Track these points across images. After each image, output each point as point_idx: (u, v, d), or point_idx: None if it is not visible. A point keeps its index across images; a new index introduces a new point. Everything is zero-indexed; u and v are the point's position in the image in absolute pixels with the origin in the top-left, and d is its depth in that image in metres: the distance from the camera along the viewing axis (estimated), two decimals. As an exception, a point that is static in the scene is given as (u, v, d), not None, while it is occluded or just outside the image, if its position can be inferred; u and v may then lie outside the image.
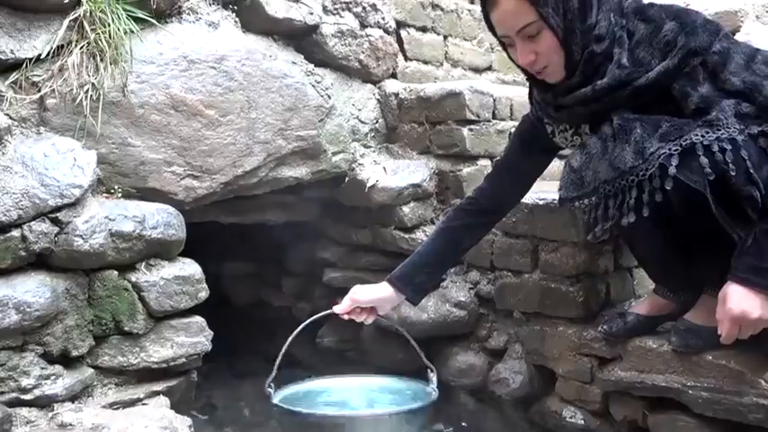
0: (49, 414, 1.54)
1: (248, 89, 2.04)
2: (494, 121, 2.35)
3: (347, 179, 2.38)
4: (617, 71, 1.37)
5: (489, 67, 3.14)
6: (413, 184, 2.28)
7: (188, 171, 1.94)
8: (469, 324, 2.19)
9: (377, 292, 1.70)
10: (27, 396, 1.54)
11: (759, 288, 1.29)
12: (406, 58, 2.67)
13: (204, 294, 1.85)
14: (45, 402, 1.56)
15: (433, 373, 1.69)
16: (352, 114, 2.40)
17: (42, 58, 1.70)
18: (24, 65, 1.68)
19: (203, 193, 1.99)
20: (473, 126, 2.30)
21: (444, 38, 2.88)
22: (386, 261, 2.32)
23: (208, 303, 1.86)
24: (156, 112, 1.86)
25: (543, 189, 1.89)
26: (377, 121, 2.49)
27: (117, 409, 1.65)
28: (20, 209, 1.54)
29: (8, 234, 1.53)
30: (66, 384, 1.59)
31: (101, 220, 1.65)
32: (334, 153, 2.33)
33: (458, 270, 2.24)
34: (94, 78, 1.74)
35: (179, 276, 1.79)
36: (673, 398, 1.58)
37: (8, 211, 1.53)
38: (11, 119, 1.66)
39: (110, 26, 1.74)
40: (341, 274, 2.54)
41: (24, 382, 1.54)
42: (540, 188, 1.85)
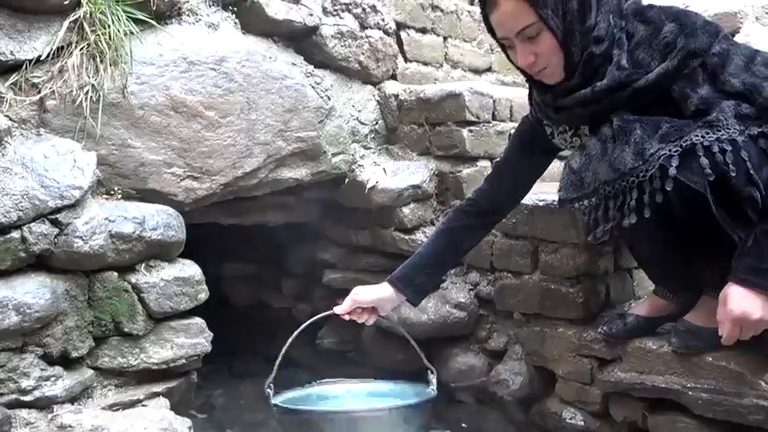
0: (49, 415, 1.54)
1: (248, 90, 2.04)
2: (494, 122, 2.35)
3: (347, 180, 2.38)
4: (616, 72, 1.37)
5: (489, 69, 3.13)
6: (413, 186, 2.28)
7: (188, 172, 1.94)
8: (469, 325, 2.19)
9: (377, 292, 1.71)
10: (27, 397, 1.54)
11: (760, 289, 1.29)
12: (405, 60, 2.67)
13: (204, 296, 1.85)
14: (45, 404, 1.56)
15: (433, 375, 1.69)
16: (351, 116, 2.40)
17: (42, 59, 1.70)
18: (24, 66, 1.68)
19: (203, 194, 1.99)
20: (473, 127, 2.30)
21: (444, 39, 2.88)
22: (386, 262, 2.32)
23: (207, 304, 1.86)
24: (156, 113, 1.86)
25: (543, 190, 1.89)
26: (377, 123, 2.49)
27: (117, 410, 1.65)
28: (20, 210, 1.54)
29: (8, 235, 1.53)
30: (66, 386, 1.59)
31: (101, 222, 1.65)
32: (334, 154, 2.32)
33: (458, 271, 2.23)
34: (94, 80, 1.74)
35: (179, 278, 1.79)
36: (673, 399, 1.58)
37: (8, 212, 1.53)
38: (11, 120, 1.66)
39: (110, 27, 1.74)
40: (341, 275, 2.54)
41: (24, 383, 1.54)
42: (540, 189, 1.85)
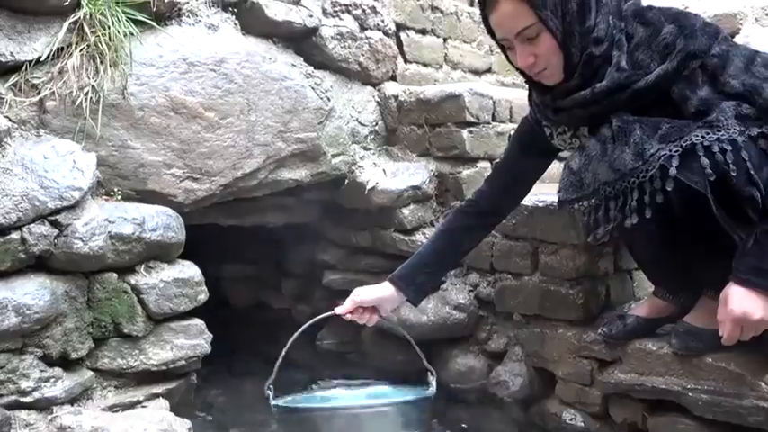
0: (49, 417, 1.54)
1: (248, 91, 2.04)
2: (493, 123, 2.35)
3: (347, 181, 2.38)
4: (616, 74, 1.37)
5: (489, 70, 3.13)
6: (412, 187, 2.28)
7: (187, 173, 1.94)
8: (469, 326, 2.19)
9: (378, 291, 1.71)
10: (26, 399, 1.54)
11: (761, 289, 1.29)
12: (405, 61, 2.67)
13: (203, 297, 1.85)
14: (44, 405, 1.56)
15: (432, 377, 1.69)
16: (351, 117, 2.40)
17: (42, 60, 1.70)
18: (24, 67, 1.68)
19: (203, 195, 1.99)
20: (473, 128, 2.30)
21: (444, 40, 2.88)
22: (385, 263, 2.31)
23: (207, 305, 1.86)
24: (156, 114, 1.86)
25: (543, 191, 1.89)
26: (376, 124, 2.49)
27: (116, 411, 1.65)
28: (19, 211, 1.54)
29: (8, 236, 1.53)
30: (66, 387, 1.59)
31: (100, 223, 1.65)
32: (334, 155, 2.32)
33: (457, 272, 2.23)
34: (94, 81, 1.74)
35: (178, 279, 1.79)
36: (672, 400, 1.58)
37: (8, 213, 1.52)
38: (10, 121, 1.66)
39: (109, 29, 1.74)
40: (340, 276, 2.54)
41: (23, 384, 1.53)
42: (540, 190, 1.85)
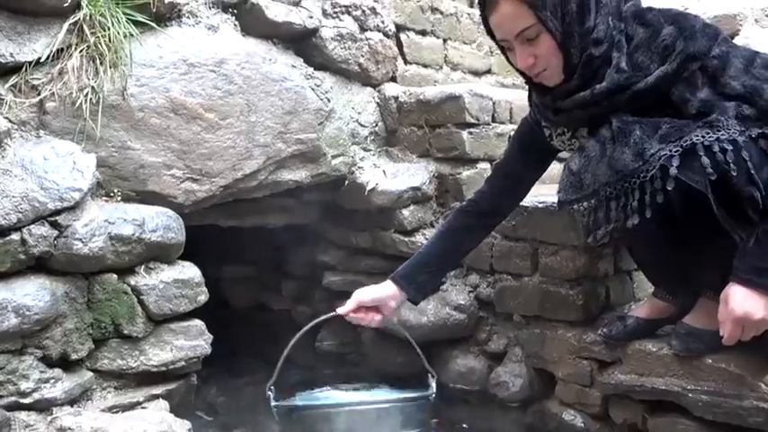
0: (48, 418, 1.54)
1: (248, 92, 2.04)
2: (493, 124, 2.35)
3: (347, 182, 2.38)
4: (615, 75, 1.37)
5: (489, 71, 3.14)
6: (412, 188, 2.28)
7: (187, 174, 1.94)
8: (469, 327, 2.19)
9: (380, 290, 1.71)
10: (26, 400, 1.54)
11: (762, 289, 1.29)
12: (405, 62, 2.68)
13: (203, 298, 1.85)
14: (44, 406, 1.56)
15: (433, 378, 1.69)
16: (351, 118, 2.40)
17: (42, 61, 1.70)
18: (24, 68, 1.68)
19: (203, 196, 1.99)
20: (472, 129, 2.30)
21: (444, 41, 2.88)
22: (385, 264, 2.32)
23: (207, 306, 1.86)
24: (156, 115, 1.86)
25: (543, 192, 1.89)
26: (376, 125, 2.49)
27: (116, 412, 1.65)
28: (19, 212, 1.54)
29: (7, 237, 1.53)
30: (66, 388, 1.59)
31: (100, 224, 1.65)
32: (334, 156, 2.33)
33: (457, 273, 2.24)
34: (94, 82, 1.74)
35: (178, 280, 1.79)
36: (672, 401, 1.58)
37: (8, 214, 1.52)
38: (10, 122, 1.66)
39: (109, 30, 1.74)
40: (340, 277, 2.54)
41: (23, 385, 1.53)
42: (540, 191, 1.85)
